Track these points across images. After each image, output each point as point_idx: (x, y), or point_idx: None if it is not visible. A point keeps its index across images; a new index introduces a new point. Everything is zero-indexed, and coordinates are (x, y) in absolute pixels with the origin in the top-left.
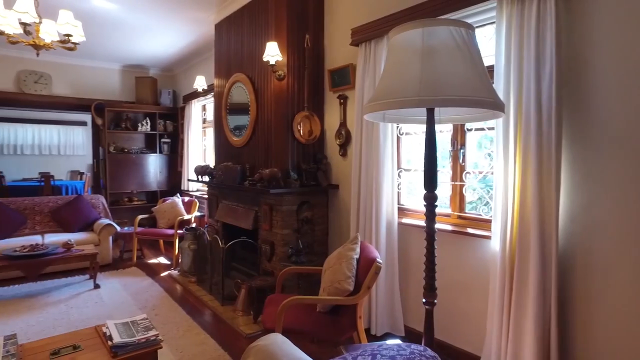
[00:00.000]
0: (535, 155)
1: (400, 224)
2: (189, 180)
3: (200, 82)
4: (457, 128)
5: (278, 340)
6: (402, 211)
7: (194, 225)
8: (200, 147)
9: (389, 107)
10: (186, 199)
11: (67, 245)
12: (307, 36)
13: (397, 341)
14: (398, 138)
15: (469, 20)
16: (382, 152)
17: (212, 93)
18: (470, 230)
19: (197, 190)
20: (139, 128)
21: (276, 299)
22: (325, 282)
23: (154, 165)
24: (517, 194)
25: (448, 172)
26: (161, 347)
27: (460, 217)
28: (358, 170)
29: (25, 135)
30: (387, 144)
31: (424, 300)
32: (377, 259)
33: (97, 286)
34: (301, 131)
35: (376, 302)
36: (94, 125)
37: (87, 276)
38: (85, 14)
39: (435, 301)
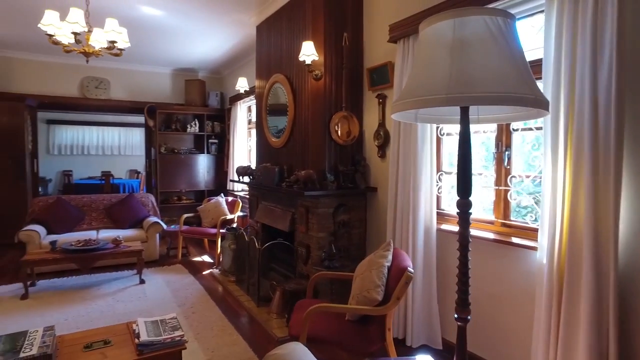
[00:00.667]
0: (589, 159)
1: (439, 230)
2: (231, 180)
3: (242, 84)
4: (501, 128)
5: (297, 350)
6: (442, 217)
7: (235, 225)
8: (245, 147)
9: (415, 106)
10: (230, 199)
11: (116, 242)
12: (345, 34)
13: (428, 357)
14: (438, 139)
15: (517, 9)
16: (419, 154)
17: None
18: (514, 240)
19: (242, 191)
20: (188, 129)
21: (305, 305)
22: (355, 289)
23: (202, 165)
24: (567, 202)
25: (492, 176)
26: (185, 348)
27: (504, 225)
28: (395, 173)
29: (91, 136)
30: (425, 145)
31: (455, 315)
32: (409, 268)
33: (142, 281)
34: (339, 132)
35: (412, 312)
36: (147, 127)
37: (135, 271)
38: (134, 21)
39: (469, 317)
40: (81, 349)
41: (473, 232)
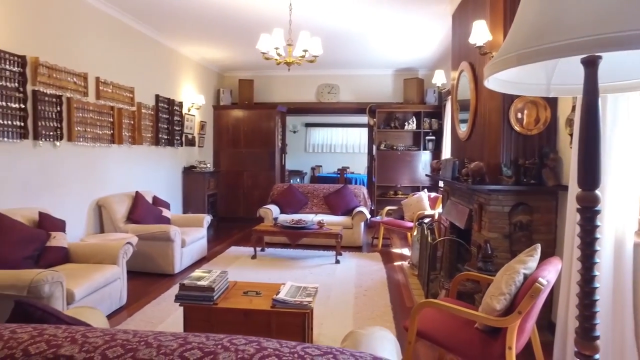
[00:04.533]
0: None
1: (639, 245)
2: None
3: (438, 77)
4: None
5: (377, 334)
6: None
7: (427, 220)
8: None
9: (490, 72)
10: (432, 194)
11: (320, 224)
12: None
13: None
14: None
15: None
16: (606, 139)
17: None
18: None
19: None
20: (406, 127)
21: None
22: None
23: (418, 162)
24: None
25: None
26: (308, 312)
27: None
28: (574, 166)
29: (337, 136)
30: (617, 126)
31: (575, 350)
32: (540, 279)
33: (337, 262)
34: (524, 120)
35: None
36: (369, 126)
37: (334, 252)
38: (341, 32)
39: (597, 357)
40: (241, 293)
41: None
